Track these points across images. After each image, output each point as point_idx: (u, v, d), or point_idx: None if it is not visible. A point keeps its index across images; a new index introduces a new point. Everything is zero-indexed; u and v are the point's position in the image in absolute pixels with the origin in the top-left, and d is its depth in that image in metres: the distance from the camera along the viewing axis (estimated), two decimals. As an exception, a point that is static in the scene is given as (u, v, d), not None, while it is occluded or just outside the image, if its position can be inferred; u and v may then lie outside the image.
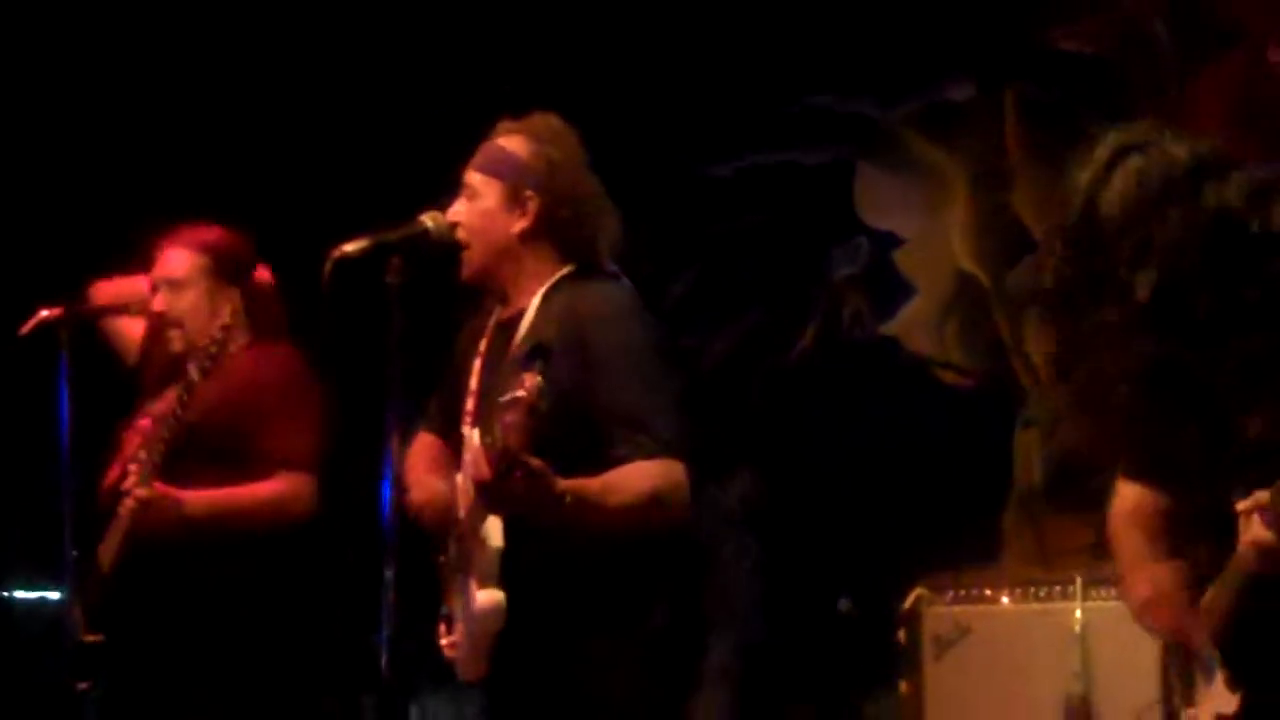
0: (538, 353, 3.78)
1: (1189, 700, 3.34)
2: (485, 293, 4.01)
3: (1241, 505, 2.98)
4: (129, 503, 4.58)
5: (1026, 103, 7.80)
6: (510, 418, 3.46)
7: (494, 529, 3.75)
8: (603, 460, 3.68)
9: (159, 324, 4.97)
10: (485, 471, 3.51)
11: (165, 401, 4.86)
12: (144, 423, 4.90)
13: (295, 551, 4.81)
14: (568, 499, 3.55)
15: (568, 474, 3.58)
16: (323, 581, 4.93)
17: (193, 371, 4.56)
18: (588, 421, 3.73)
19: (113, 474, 4.88)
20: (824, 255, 8.30)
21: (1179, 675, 3.39)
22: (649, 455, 3.67)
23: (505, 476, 3.46)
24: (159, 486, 4.55)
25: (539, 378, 3.47)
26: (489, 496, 3.60)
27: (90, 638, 4.70)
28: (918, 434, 7.84)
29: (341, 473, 4.88)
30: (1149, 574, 3.30)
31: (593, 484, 3.63)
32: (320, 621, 4.85)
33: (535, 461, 3.46)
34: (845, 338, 8.27)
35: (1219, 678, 3.17)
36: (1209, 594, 3.14)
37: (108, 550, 4.67)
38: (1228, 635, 3.12)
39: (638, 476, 3.66)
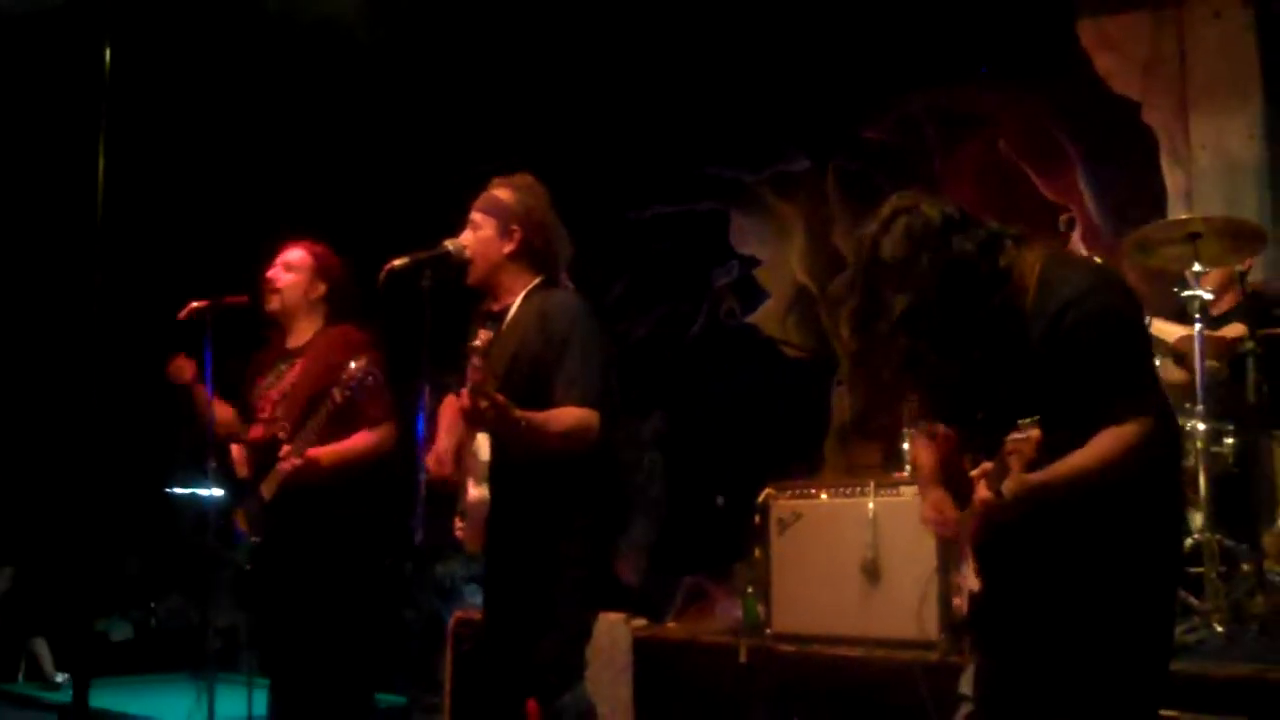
0: (488, 317, 3.84)
1: (958, 573, 3.30)
2: (484, 294, 4.02)
3: (974, 473, 2.97)
4: (290, 464, 4.46)
5: (842, 172, 7.82)
6: (473, 363, 3.53)
7: (483, 446, 3.78)
8: (550, 405, 3.72)
9: (265, 290, 4.84)
10: (466, 402, 3.56)
11: (284, 376, 4.76)
12: (273, 393, 4.75)
13: (379, 476, 4.72)
14: (523, 423, 3.61)
15: (528, 409, 3.64)
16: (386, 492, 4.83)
17: (352, 372, 4.40)
18: (546, 379, 3.77)
19: (256, 431, 4.75)
20: (709, 271, 8.32)
21: (950, 558, 3.36)
22: (576, 404, 3.72)
23: (476, 404, 3.53)
24: (310, 452, 4.50)
25: (489, 333, 3.55)
26: (467, 419, 3.66)
27: (255, 539, 4.67)
28: (771, 389, 7.89)
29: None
30: (933, 495, 3.24)
31: (539, 415, 3.67)
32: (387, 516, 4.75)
33: (497, 397, 3.53)
34: (723, 325, 8.29)
35: (971, 566, 3.16)
36: (962, 517, 3.12)
37: (268, 488, 4.55)
38: (975, 544, 3.11)
39: (568, 415, 3.71)
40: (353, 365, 4.39)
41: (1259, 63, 6.37)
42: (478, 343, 3.53)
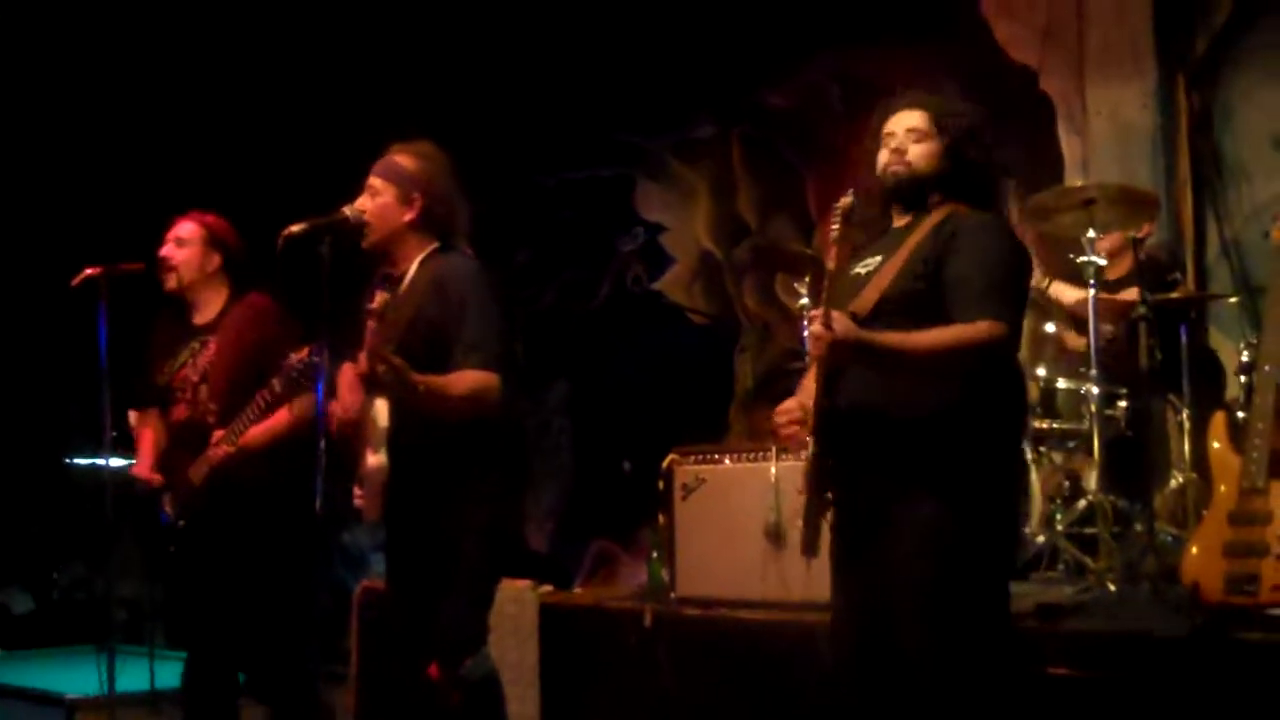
0: (386, 280, 3.80)
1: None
2: (380, 260, 3.97)
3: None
4: (223, 450, 4.37)
5: (747, 139, 7.84)
6: (369, 326, 3.49)
7: (381, 412, 3.74)
8: (449, 369, 3.68)
9: (161, 269, 4.69)
10: (363, 365, 3.52)
11: (199, 355, 4.62)
12: (188, 373, 4.59)
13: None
14: (421, 387, 3.56)
15: (427, 373, 3.60)
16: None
17: (293, 362, 4.18)
18: (445, 343, 3.71)
19: (180, 413, 4.60)
20: (615, 237, 8.30)
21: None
22: (476, 367, 3.66)
23: (374, 367, 3.50)
24: (242, 439, 4.38)
25: (387, 296, 3.51)
26: (365, 382, 3.63)
27: (181, 522, 4.56)
28: (675, 355, 7.91)
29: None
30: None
31: (438, 378, 3.63)
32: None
33: (394, 359, 3.50)
34: (629, 291, 8.28)
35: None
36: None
37: (198, 472, 4.45)
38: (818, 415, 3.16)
39: (468, 378, 3.66)
40: (294, 356, 4.27)
41: (1153, 32, 6.44)
42: (374, 305, 3.48)
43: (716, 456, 5.26)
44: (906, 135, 3.32)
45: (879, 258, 3.29)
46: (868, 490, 3.19)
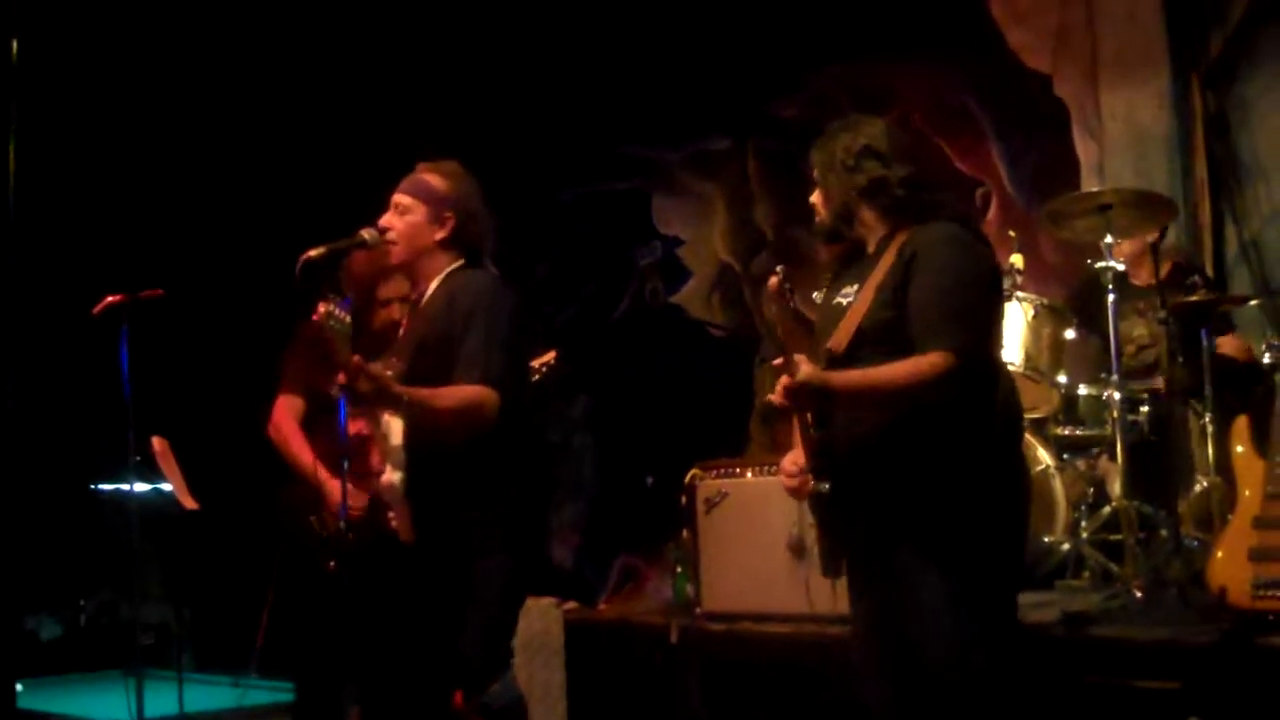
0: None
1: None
2: (405, 277, 3.96)
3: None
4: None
5: (761, 151, 7.84)
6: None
7: (394, 429, 3.73)
8: (455, 382, 3.64)
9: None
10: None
11: None
12: None
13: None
14: (405, 398, 3.53)
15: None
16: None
17: None
18: (453, 357, 3.66)
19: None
20: (633, 251, 8.30)
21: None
22: (474, 382, 3.61)
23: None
24: None
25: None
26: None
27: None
28: (696, 369, 7.90)
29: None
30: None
31: (424, 391, 3.58)
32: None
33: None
34: (648, 305, 8.27)
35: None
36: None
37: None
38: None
39: (459, 392, 3.60)
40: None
41: (1166, 33, 6.41)
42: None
43: (738, 470, 5.26)
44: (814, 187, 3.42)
45: (856, 286, 3.29)
46: (866, 516, 3.21)
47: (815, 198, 3.41)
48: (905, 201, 3.27)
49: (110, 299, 4.83)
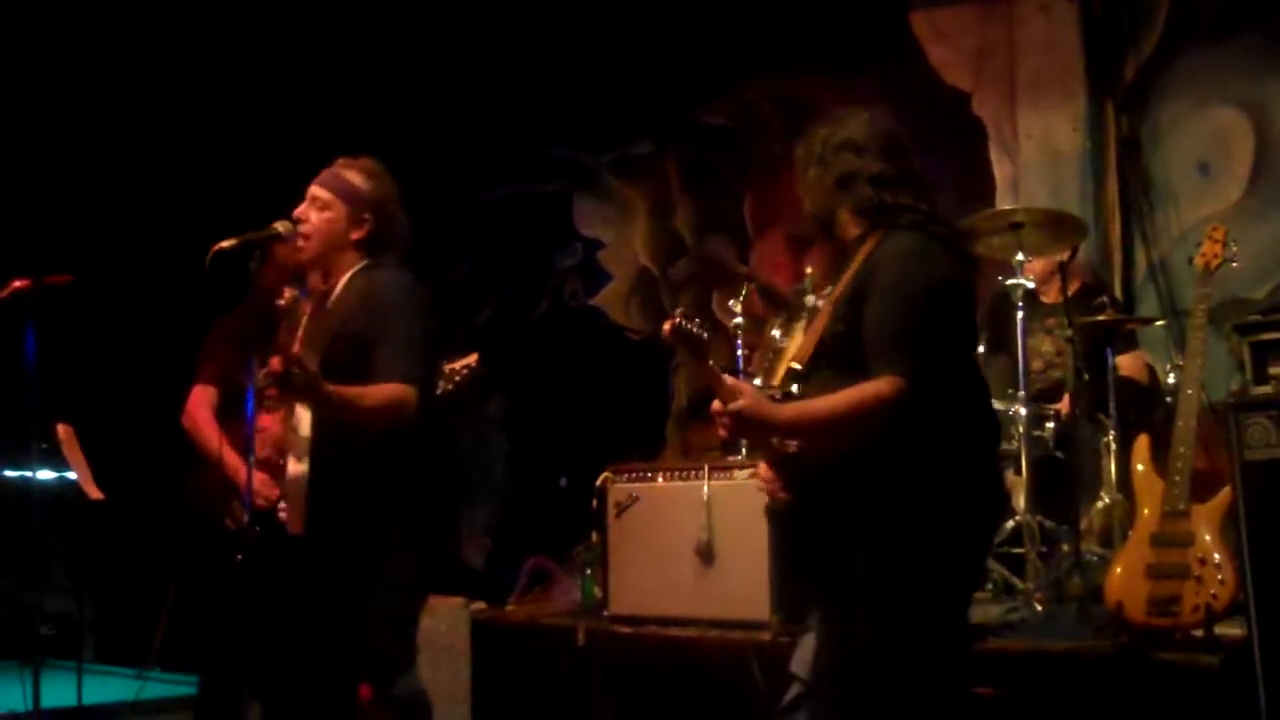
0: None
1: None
2: (311, 271, 3.91)
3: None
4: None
5: (683, 157, 7.85)
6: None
7: (304, 420, 3.71)
8: (371, 381, 3.62)
9: None
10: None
11: None
12: None
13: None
14: (333, 396, 3.50)
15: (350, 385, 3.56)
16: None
17: None
18: (368, 356, 3.65)
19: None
20: (553, 252, 8.29)
21: None
22: (394, 381, 3.60)
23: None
24: None
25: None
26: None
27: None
28: (613, 372, 7.89)
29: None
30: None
31: (350, 389, 3.56)
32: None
33: (307, 364, 3.45)
34: (567, 307, 8.26)
35: None
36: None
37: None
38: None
39: (382, 391, 3.59)
40: None
41: (1083, 58, 6.53)
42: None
43: (649, 474, 5.26)
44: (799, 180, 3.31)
45: (829, 290, 3.25)
46: (821, 530, 3.10)
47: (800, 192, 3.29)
48: (870, 202, 3.13)
49: (16, 283, 4.74)
